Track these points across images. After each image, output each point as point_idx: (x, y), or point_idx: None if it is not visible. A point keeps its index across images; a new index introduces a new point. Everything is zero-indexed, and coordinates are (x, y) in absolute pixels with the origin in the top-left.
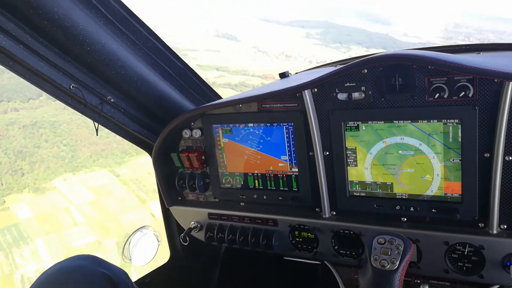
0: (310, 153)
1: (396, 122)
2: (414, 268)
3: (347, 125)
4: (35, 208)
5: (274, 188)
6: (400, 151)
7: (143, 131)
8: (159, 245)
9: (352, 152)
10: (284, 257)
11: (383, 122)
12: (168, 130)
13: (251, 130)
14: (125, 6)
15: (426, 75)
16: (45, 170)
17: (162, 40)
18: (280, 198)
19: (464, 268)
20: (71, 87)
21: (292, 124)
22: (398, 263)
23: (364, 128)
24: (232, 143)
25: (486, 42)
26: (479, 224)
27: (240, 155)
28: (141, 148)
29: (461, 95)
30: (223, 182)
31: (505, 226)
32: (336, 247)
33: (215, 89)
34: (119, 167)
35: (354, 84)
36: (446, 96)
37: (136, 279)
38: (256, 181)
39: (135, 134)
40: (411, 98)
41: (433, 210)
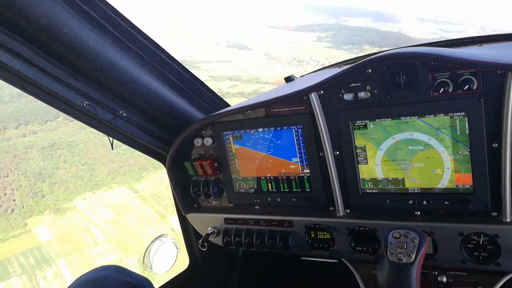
0: (321, 153)
1: (403, 118)
2: (431, 260)
3: (355, 124)
4: (56, 229)
5: (287, 190)
6: (409, 147)
7: (156, 143)
8: (178, 252)
9: (362, 150)
10: (301, 257)
11: (390, 119)
12: (180, 140)
13: (261, 135)
14: (131, 23)
15: (429, 71)
16: (64, 190)
17: (169, 53)
18: (294, 200)
19: (481, 257)
20: (84, 104)
21: (301, 126)
22: (414, 256)
23: (372, 126)
24: (243, 148)
25: (487, 34)
26: (492, 213)
27: (252, 160)
28: (155, 159)
29: (465, 88)
30: (237, 187)
31: None
32: (352, 244)
33: (229, 99)
34: (137, 183)
35: (359, 84)
36: (450, 90)
37: (158, 287)
38: (269, 184)
39: (148, 146)
40: (416, 94)
41: (445, 203)
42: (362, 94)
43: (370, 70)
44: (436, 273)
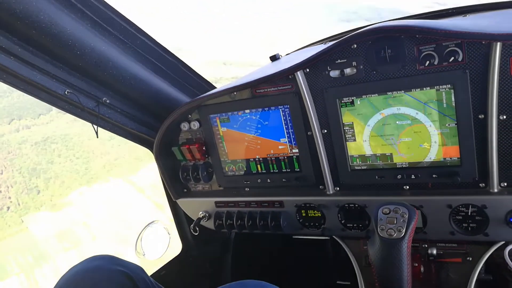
0: (309, 132)
1: (390, 93)
2: (421, 234)
3: (342, 101)
4: (53, 225)
5: (277, 170)
6: (397, 122)
7: (142, 129)
8: (170, 237)
9: (349, 127)
10: (293, 236)
11: (377, 95)
12: (167, 125)
13: (248, 116)
14: (109, 6)
15: (414, 44)
16: (60, 185)
17: (151, 36)
18: (283, 180)
19: (469, 228)
20: (66, 92)
21: (288, 106)
22: (404, 230)
23: (359, 102)
24: (231, 131)
25: (471, 4)
26: (480, 185)
27: (240, 142)
28: (141, 145)
29: (451, 60)
30: (226, 170)
31: (505, 184)
32: (343, 221)
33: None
34: (134, 174)
35: (345, 60)
36: (436, 62)
37: (152, 273)
38: (258, 165)
39: (134, 132)
40: (402, 68)
41: (433, 176)
42: (348, 71)
43: (356, 46)
44: (426, 246)
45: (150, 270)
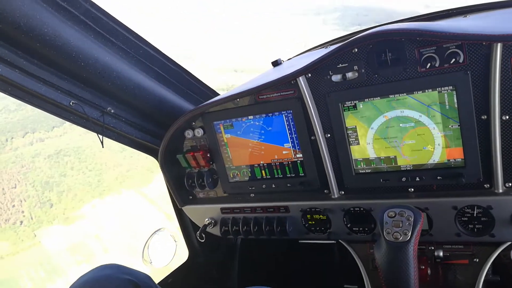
0: (312, 137)
1: (392, 96)
2: (427, 236)
3: (345, 105)
4: (65, 239)
5: (281, 175)
6: (401, 124)
7: (146, 137)
8: (176, 245)
9: (352, 131)
10: (299, 241)
11: (379, 98)
12: (171, 133)
13: (252, 122)
14: (111, 16)
15: (415, 47)
16: (72, 198)
17: (153, 45)
18: (288, 185)
19: (475, 229)
20: (71, 103)
21: (291, 111)
22: (410, 233)
23: (362, 106)
24: (234, 137)
25: (472, 4)
26: (485, 185)
27: (244, 148)
28: (146, 154)
29: (452, 62)
30: (231, 176)
31: (510, 184)
32: (348, 225)
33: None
34: (146, 185)
35: (347, 64)
36: (437, 64)
37: (159, 281)
38: (263, 171)
39: (139, 141)
40: (404, 71)
41: (438, 177)
42: (350, 75)
43: (357, 50)
44: (432, 248)
45: (157, 278)
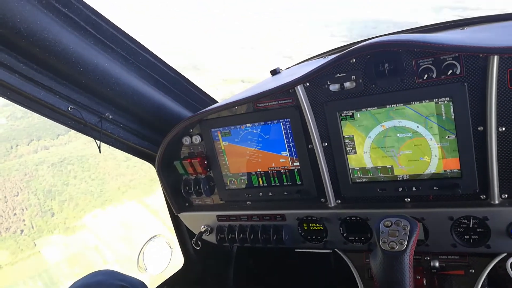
0: (309, 146)
1: (389, 106)
2: (423, 246)
3: (342, 114)
4: (65, 249)
5: (278, 184)
6: (398, 134)
7: (144, 143)
8: (172, 252)
9: (350, 140)
10: (295, 249)
11: (376, 108)
12: (169, 140)
13: (249, 130)
14: (112, 23)
15: (413, 58)
16: (74, 208)
17: (153, 52)
18: (285, 193)
19: (471, 240)
20: (69, 109)
21: (289, 120)
22: (406, 243)
23: (359, 116)
24: (232, 145)
25: (469, 17)
26: (481, 196)
27: (242, 156)
28: (144, 160)
29: (449, 73)
30: (228, 183)
31: (506, 196)
32: (344, 234)
33: None
34: (148, 196)
35: (344, 74)
36: (434, 76)
37: None
38: (259, 179)
39: (136, 147)
40: (401, 82)
41: (434, 188)
42: (347, 84)
43: (355, 60)
44: (428, 258)
45: (152, 284)
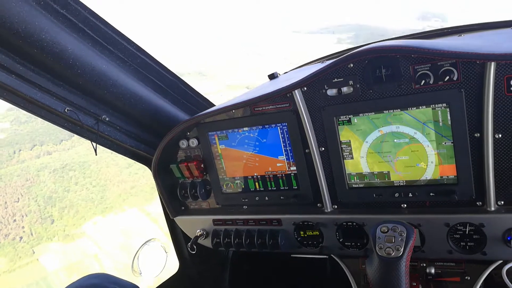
0: (306, 150)
1: (386, 111)
2: (419, 252)
3: (339, 119)
4: (64, 257)
5: (275, 188)
6: (395, 140)
7: (140, 146)
8: (167, 256)
9: (347, 145)
10: (291, 254)
11: (374, 113)
12: (165, 143)
13: (247, 134)
14: (110, 25)
15: (410, 64)
16: (74, 215)
17: (151, 55)
18: (281, 198)
19: (467, 247)
20: (65, 110)
21: (286, 124)
22: (402, 249)
23: (356, 121)
24: (229, 148)
25: (466, 24)
26: (477, 203)
27: (239, 160)
28: (140, 163)
29: (446, 79)
30: (224, 187)
31: (502, 202)
32: (341, 240)
33: None
34: (149, 203)
35: (342, 79)
36: (431, 82)
37: None
38: (256, 183)
39: (133, 150)
40: (398, 87)
41: (431, 194)
42: (345, 89)
43: (352, 65)
44: (424, 265)
45: None
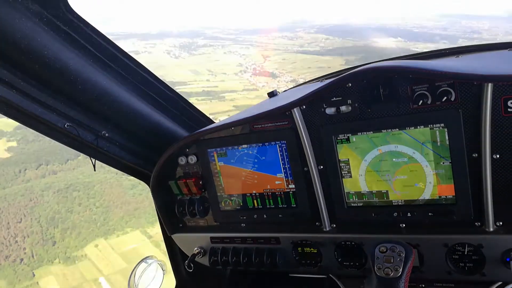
0: (305, 168)
1: (385, 131)
2: (418, 273)
3: (338, 138)
4: (64, 281)
5: (273, 206)
6: (394, 159)
7: (139, 162)
8: (164, 274)
9: (345, 164)
10: (289, 274)
11: (372, 132)
12: (164, 159)
13: (246, 151)
14: (112, 42)
15: (408, 84)
16: (76, 236)
17: (151, 72)
18: (280, 216)
19: (466, 267)
20: (65, 126)
21: (285, 142)
22: (401, 270)
23: (354, 139)
24: (227, 166)
25: (464, 45)
26: (476, 223)
27: (237, 177)
28: (138, 179)
29: (443, 100)
30: (223, 205)
31: (500, 223)
32: (339, 259)
33: None
34: (152, 226)
35: (341, 98)
36: (429, 102)
37: None
38: (254, 201)
39: (132, 166)
40: (396, 107)
41: (429, 214)
42: (343, 108)
43: (351, 84)
44: (423, 285)
45: None
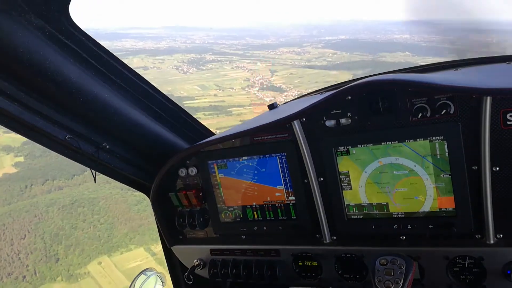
0: (305, 180)
1: (385, 143)
2: (418, 286)
3: (338, 150)
4: None
5: (273, 218)
6: (394, 171)
7: (140, 174)
8: (163, 286)
9: (345, 176)
10: (289, 286)
11: (371, 145)
12: (165, 171)
13: (246, 163)
14: (113, 56)
15: (407, 97)
16: (79, 254)
17: (152, 85)
18: (280, 228)
19: (467, 280)
20: (66, 138)
21: (285, 154)
22: (402, 282)
23: (354, 152)
24: (228, 177)
25: (463, 58)
26: (476, 236)
27: (237, 189)
28: (139, 191)
29: (443, 112)
30: (223, 216)
31: (501, 235)
32: (340, 272)
33: None
34: (156, 243)
35: (340, 110)
36: (428, 115)
37: None
38: (255, 212)
39: (132, 178)
40: (395, 120)
41: (430, 226)
42: (343, 121)
43: (350, 97)
44: None
45: None
